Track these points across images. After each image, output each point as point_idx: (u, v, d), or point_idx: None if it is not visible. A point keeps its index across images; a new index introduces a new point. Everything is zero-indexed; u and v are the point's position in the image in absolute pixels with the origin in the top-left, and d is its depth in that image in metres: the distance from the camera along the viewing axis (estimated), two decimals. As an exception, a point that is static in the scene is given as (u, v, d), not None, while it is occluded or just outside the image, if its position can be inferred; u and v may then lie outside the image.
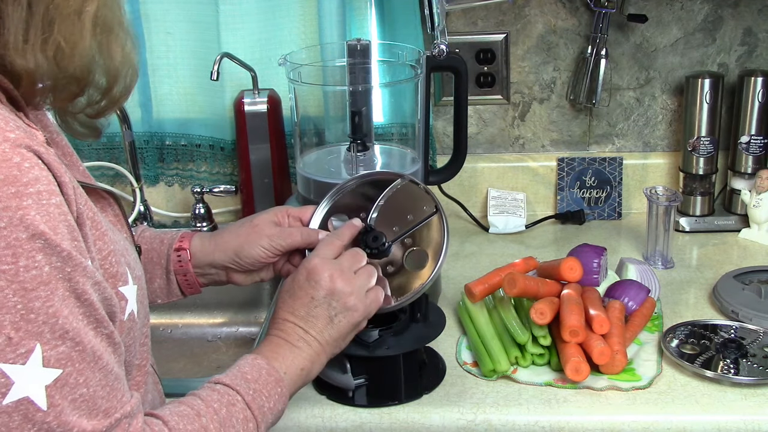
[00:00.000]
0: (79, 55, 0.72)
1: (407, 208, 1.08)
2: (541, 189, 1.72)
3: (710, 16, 1.61)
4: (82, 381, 0.69)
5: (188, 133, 1.70)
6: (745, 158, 1.60)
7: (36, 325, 0.66)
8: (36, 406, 0.66)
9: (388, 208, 1.08)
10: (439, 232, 1.08)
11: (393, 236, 1.07)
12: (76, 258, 0.69)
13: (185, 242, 1.08)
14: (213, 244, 1.08)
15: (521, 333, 1.17)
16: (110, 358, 0.72)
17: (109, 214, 0.87)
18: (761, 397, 1.09)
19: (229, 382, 0.87)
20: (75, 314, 0.69)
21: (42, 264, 0.66)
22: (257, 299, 1.61)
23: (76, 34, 0.71)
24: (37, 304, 0.66)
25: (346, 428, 1.09)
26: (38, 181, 0.67)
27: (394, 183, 1.09)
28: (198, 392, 0.86)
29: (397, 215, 1.08)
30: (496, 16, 1.64)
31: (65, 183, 0.70)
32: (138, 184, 1.64)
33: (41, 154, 0.68)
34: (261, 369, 0.90)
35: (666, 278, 1.42)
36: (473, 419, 1.08)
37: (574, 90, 1.66)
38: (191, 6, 1.61)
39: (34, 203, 0.66)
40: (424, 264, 1.07)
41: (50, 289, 0.67)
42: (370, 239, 1.05)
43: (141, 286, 0.84)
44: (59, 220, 0.68)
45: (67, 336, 0.68)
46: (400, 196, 1.09)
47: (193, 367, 1.52)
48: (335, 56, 1.47)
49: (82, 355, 0.69)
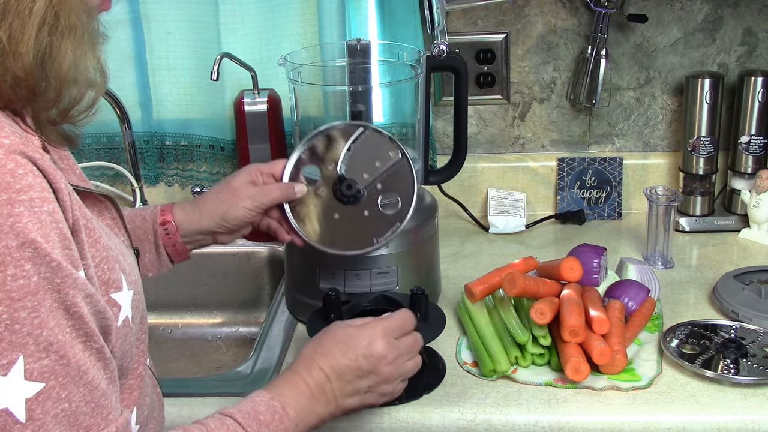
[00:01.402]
0: (21, 55, 0.68)
1: (374, 155, 1.14)
2: (541, 189, 1.72)
3: (710, 16, 1.61)
4: (64, 396, 0.67)
5: (188, 133, 1.70)
6: (745, 158, 1.60)
7: (20, 336, 0.64)
8: (15, 418, 0.64)
9: (356, 158, 1.14)
10: (408, 176, 1.14)
11: (364, 183, 1.13)
12: (66, 269, 0.67)
13: (167, 215, 1.12)
14: (197, 212, 1.12)
15: (521, 333, 1.17)
16: (98, 374, 0.70)
17: (106, 217, 0.85)
18: (761, 397, 1.09)
19: (242, 421, 0.84)
20: (62, 327, 0.67)
21: (30, 274, 0.64)
22: (257, 299, 1.61)
23: (21, 32, 0.67)
24: (23, 315, 0.64)
25: (346, 428, 1.09)
26: (31, 188, 0.65)
27: (358, 132, 1.15)
28: (206, 422, 0.84)
29: (366, 163, 1.14)
30: (496, 16, 1.64)
31: (61, 189, 0.69)
32: (138, 184, 1.65)
33: (36, 160, 0.67)
34: (275, 413, 0.87)
35: (666, 278, 1.42)
36: (473, 419, 1.08)
37: (574, 90, 1.66)
38: (191, 6, 1.61)
39: (27, 210, 0.65)
40: (399, 207, 1.14)
41: (37, 299, 0.65)
42: (344, 187, 1.13)
43: (137, 290, 0.83)
44: (51, 228, 0.66)
45: (52, 349, 0.66)
46: (366, 145, 1.15)
47: (193, 367, 1.52)
48: (335, 56, 1.47)
49: (67, 369, 0.67)
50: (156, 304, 1.62)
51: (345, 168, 1.14)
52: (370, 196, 1.14)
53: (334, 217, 1.13)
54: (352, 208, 1.13)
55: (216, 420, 0.84)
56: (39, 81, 0.70)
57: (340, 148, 1.14)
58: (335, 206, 1.14)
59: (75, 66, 0.72)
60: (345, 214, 1.14)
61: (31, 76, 0.69)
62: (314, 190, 1.14)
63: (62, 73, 0.71)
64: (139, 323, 0.84)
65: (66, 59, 0.71)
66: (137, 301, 0.82)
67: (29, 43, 0.68)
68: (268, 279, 1.61)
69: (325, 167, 1.15)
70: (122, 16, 1.62)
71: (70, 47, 0.71)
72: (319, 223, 1.14)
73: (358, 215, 1.13)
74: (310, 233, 1.14)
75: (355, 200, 1.13)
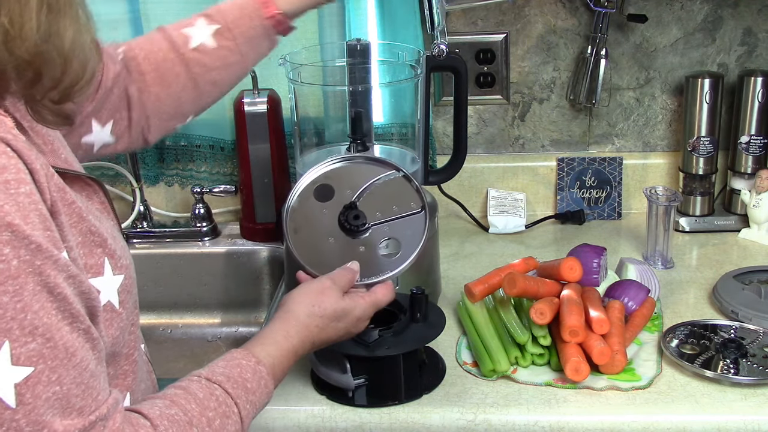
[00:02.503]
0: (27, 38, 0.68)
1: (395, 199, 1.10)
2: (541, 189, 1.72)
3: (710, 16, 1.61)
4: (55, 379, 0.67)
5: (188, 133, 1.70)
6: (745, 158, 1.60)
7: (4, 321, 0.64)
8: (5, 403, 0.64)
9: (376, 194, 1.10)
10: (419, 231, 1.10)
11: (373, 221, 1.09)
12: (47, 250, 0.66)
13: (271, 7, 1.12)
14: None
15: (521, 333, 1.17)
16: (87, 354, 0.70)
17: (95, 201, 0.85)
18: (761, 397, 1.09)
19: (232, 392, 0.84)
20: (47, 309, 0.66)
21: (9, 257, 0.64)
22: (257, 299, 1.61)
23: (21, 15, 0.67)
24: (5, 299, 0.64)
25: (346, 428, 1.09)
26: (6, 169, 0.65)
27: (390, 172, 1.11)
28: (194, 391, 0.83)
29: (384, 203, 1.10)
30: (496, 16, 1.64)
31: (36, 170, 0.68)
32: (138, 184, 1.65)
33: (9, 141, 0.67)
34: (261, 379, 0.88)
35: (666, 278, 1.42)
36: (473, 419, 1.08)
37: (574, 90, 1.66)
38: (191, 6, 1.59)
39: (2, 193, 0.64)
40: (397, 256, 1.09)
41: (19, 283, 0.64)
42: (351, 216, 1.08)
43: (129, 275, 0.82)
44: (30, 209, 0.66)
45: (38, 332, 0.66)
46: (392, 186, 1.11)
47: (193, 367, 1.50)
48: (335, 56, 1.47)
49: (54, 351, 0.67)
50: (156, 304, 1.62)
51: (361, 199, 1.09)
52: (374, 235, 1.09)
53: (328, 240, 1.08)
54: (349, 239, 1.08)
55: (204, 388, 0.83)
56: (45, 61, 0.70)
57: (366, 178, 1.10)
58: (334, 230, 1.09)
59: (75, 42, 0.72)
60: (339, 242, 1.09)
61: (38, 57, 0.69)
62: (320, 207, 1.09)
63: (65, 50, 0.71)
64: (132, 308, 0.83)
65: (67, 36, 0.71)
66: (128, 286, 0.82)
67: (32, 25, 0.68)
68: (268, 279, 1.61)
69: (341, 189, 1.10)
70: (122, 16, 1.61)
71: (69, 24, 0.71)
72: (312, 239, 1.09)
73: (353, 248, 1.08)
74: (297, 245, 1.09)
75: (356, 232, 1.08)
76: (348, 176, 1.11)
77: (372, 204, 1.09)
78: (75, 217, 0.75)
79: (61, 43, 0.70)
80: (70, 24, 0.71)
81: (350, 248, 1.08)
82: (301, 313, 0.97)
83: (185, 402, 0.81)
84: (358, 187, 1.10)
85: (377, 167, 1.11)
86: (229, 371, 0.87)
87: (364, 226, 1.08)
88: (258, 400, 0.87)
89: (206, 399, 0.82)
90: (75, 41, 0.72)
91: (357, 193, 1.09)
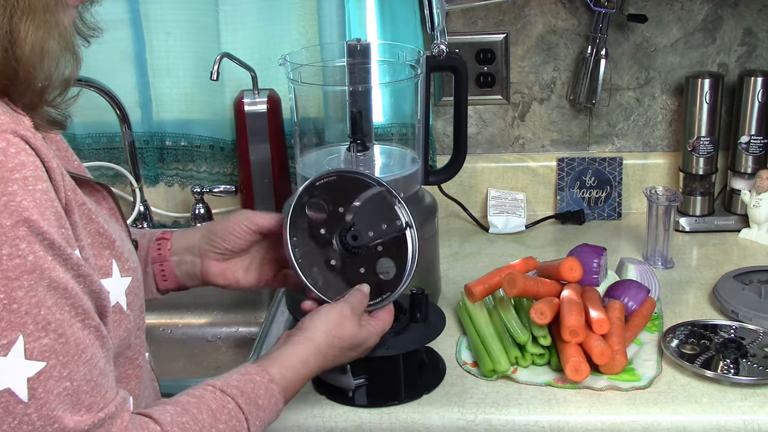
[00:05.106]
0: None
1: (382, 216, 1.07)
2: (541, 189, 1.72)
3: (710, 16, 1.61)
4: (66, 374, 0.67)
5: (188, 134, 1.70)
6: (745, 158, 1.60)
7: (18, 316, 0.64)
8: (17, 397, 0.65)
9: (363, 212, 1.07)
10: (409, 248, 1.08)
11: (367, 241, 1.06)
12: (61, 247, 0.67)
13: (168, 234, 1.07)
14: (193, 229, 1.09)
15: (521, 333, 1.17)
16: (96, 352, 0.70)
17: (104, 207, 0.85)
18: (761, 397, 1.09)
19: (244, 407, 0.84)
20: (60, 305, 0.67)
21: (26, 252, 0.65)
22: (257, 299, 1.61)
23: None
24: (20, 294, 0.64)
25: (346, 428, 1.09)
26: (25, 166, 0.65)
27: (371, 189, 1.07)
28: (208, 401, 0.82)
29: (373, 221, 1.07)
30: (496, 16, 1.64)
31: (53, 168, 0.69)
32: (138, 185, 1.65)
33: (28, 138, 0.67)
34: (272, 397, 0.87)
35: (666, 278, 1.42)
36: (473, 419, 1.08)
37: (574, 90, 1.66)
38: (191, 6, 1.61)
39: (21, 189, 0.64)
40: (393, 276, 1.06)
41: (34, 278, 0.65)
42: (349, 237, 1.04)
43: (136, 277, 0.83)
44: (47, 206, 0.66)
45: (50, 327, 0.66)
46: (376, 202, 1.07)
47: (193, 368, 1.52)
48: (335, 56, 1.47)
49: (66, 347, 0.67)
50: (156, 304, 1.60)
51: (352, 219, 1.06)
52: (370, 256, 1.06)
53: (331, 262, 1.04)
54: (351, 260, 1.05)
55: (218, 400, 0.83)
56: (8, 68, 0.68)
57: (352, 195, 1.06)
58: (333, 252, 1.05)
59: (39, 47, 0.69)
60: (341, 263, 1.05)
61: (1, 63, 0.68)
62: (312, 232, 1.04)
63: (25, 56, 0.68)
64: (138, 311, 0.84)
65: (27, 41, 0.68)
66: (135, 288, 0.82)
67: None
68: (268, 279, 1.61)
69: (335, 209, 1.05)
70: (122, 16, 1.62)
71: (31, 29, 0.68)
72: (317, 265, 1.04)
73: (355, 269, 1.05)
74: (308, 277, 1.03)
75: (354, 254, 1.05)
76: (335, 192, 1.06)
77: (363, 222, 1.06)
78: (85, 218, 0.75)
79: (20, 50, 0.68)
80: (33, 29, 0.69)
81: (353, 269, 1.05)
82: (322, 344, 0.95)
83: (197, 411, 0.80)
84: (348, 204, 1.06)
85: (361, 180, 1.08)
86: (243, 385, 0.86)
87: (359, 249, 1.05)
88: (267, 418, 0.87)
89: (219, 411, 0.82)
90: (38, 47, 0.69)
91: (351, 212, 1.06)
